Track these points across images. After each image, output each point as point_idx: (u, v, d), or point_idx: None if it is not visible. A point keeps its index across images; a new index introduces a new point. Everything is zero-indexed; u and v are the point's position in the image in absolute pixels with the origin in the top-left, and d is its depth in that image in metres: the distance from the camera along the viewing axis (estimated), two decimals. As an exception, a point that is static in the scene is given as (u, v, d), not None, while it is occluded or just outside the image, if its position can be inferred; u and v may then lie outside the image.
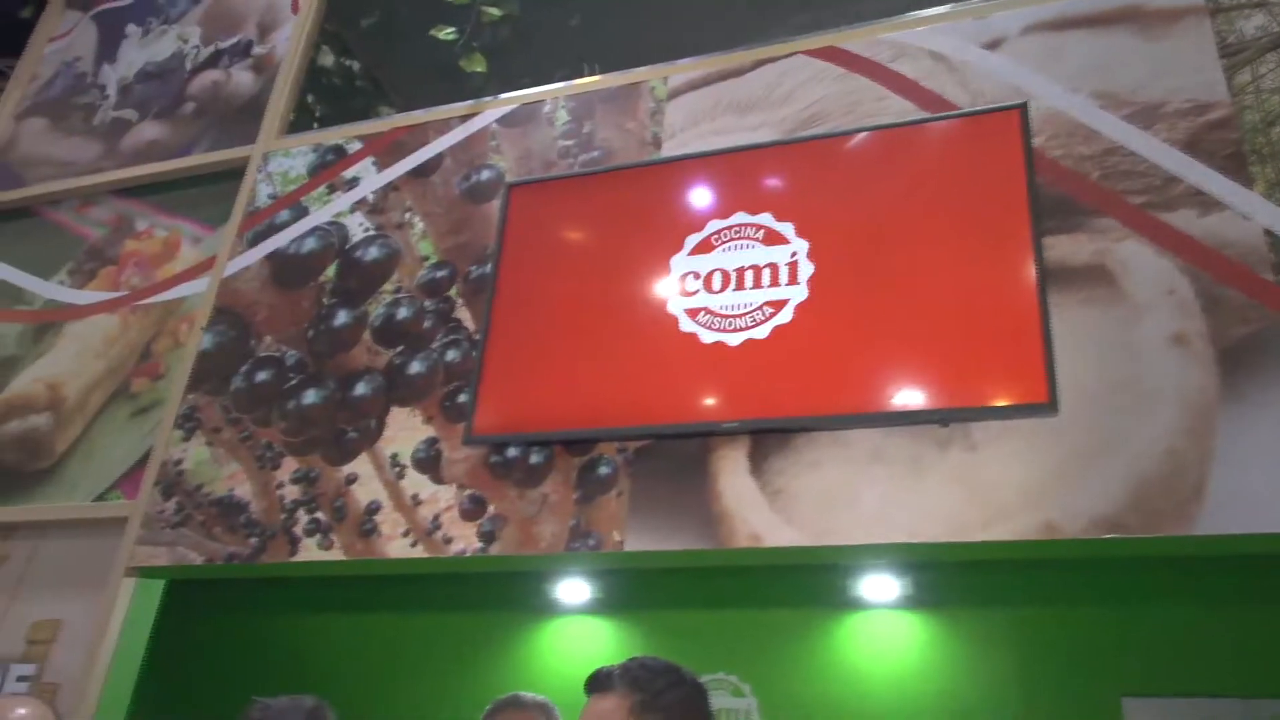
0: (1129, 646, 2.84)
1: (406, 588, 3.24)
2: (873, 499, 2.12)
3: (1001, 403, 2.07)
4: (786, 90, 2.76)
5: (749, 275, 2.44)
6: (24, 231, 3.69)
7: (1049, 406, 2.03)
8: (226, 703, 2.19)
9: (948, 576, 3.04)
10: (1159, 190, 2.22)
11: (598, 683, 1.66)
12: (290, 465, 2.72)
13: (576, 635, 3.52)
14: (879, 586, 3.34)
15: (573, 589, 3.55)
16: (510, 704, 2.18)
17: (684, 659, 1.69)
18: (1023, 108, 2.37)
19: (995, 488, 2.03)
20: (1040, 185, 2.28)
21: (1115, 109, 2.35)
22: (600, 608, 3.56)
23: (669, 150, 2.79)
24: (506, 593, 3.39)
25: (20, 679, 2.67)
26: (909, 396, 2.15)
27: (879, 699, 3.12)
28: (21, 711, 2.08)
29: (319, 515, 2.61)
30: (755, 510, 2.21)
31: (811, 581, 3.24)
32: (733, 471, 2.28)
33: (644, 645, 3.21)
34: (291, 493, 2.67)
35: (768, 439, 2.28)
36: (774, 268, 2.43)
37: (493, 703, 2.20)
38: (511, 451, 2.49)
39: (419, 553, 2.46)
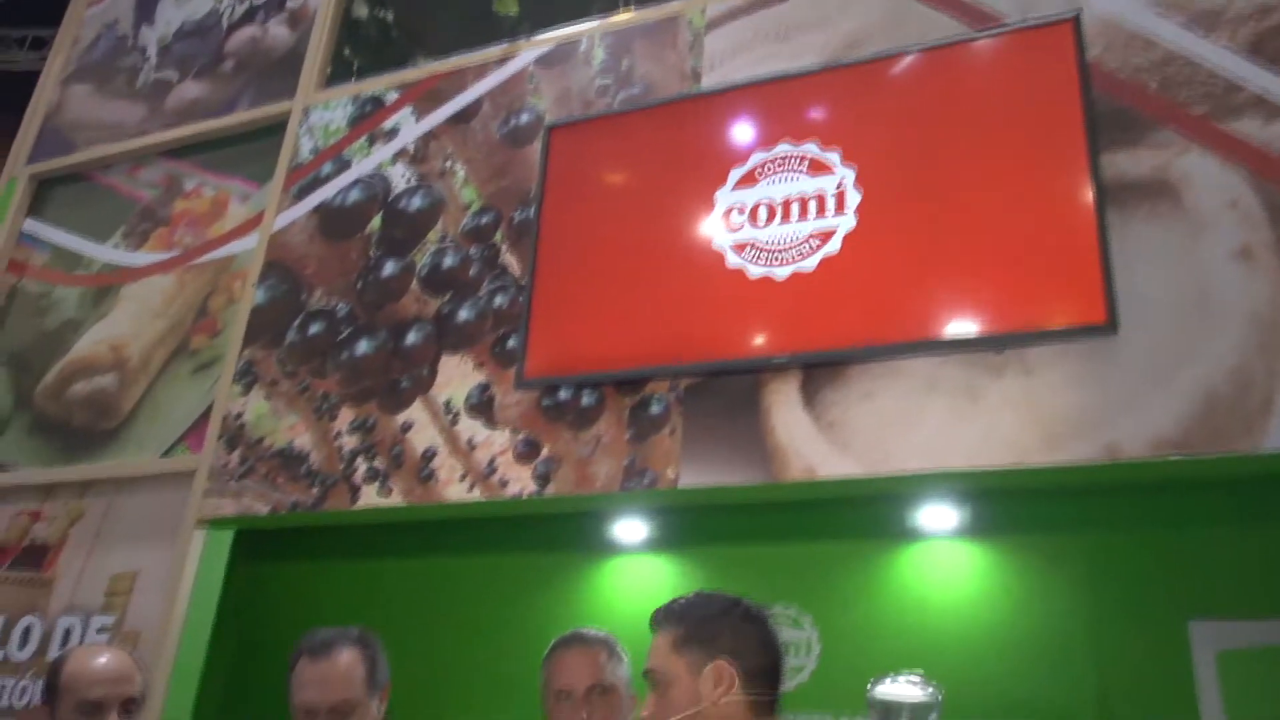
0: (1195, 570, 2.79)
1: (465, 531, 3.29)
2: (929, 427, 2.09)
3: (1058, 325, 2.03)
4: (827, 14, 2.68)
5: (795, 207, 2.40)
6: (78, 196, 3.76)
7: (1108, 327, 1.98)
8: (295, 646, 2.25)
9: (1007, 504, 3.00)
10: (1221, 99, 2.13)
11: (653, 621, 1.69)
12: (347, 415, 2.76)
13: (635, 574, 3.56)
14: (937, 516, 3.32)
15: (629, 528, 3.58)
16: (574, 640, 2.20)
17: (742, 593, 1.69)
18: (1076, 18, 2.28)
19: (1054, 412, 2.00)
20: (1096, 99, 2.20)
21: (1173, 15, 2.25)
22: (657, 545, 3.58)
23: (709, 83, 2.74)
24: (564, 533, 3.43)
25: (101, 629, 2.78)
26: (963, 323, 2.11)
27: (940, 628, 3.12)
28: (105, 659, 2.17)
29: (377, 463, 2.66)
30: (809, 443, 2.20)
31: (869, 512, 3.23)
32: (785, 405, 2.27)
33: (702, 581, 3.23)
34: (349, 442, 2.72)
35: (820, 372, 2.26)
36: (820, 198, 2.38)
37: (556, 640, 2.23)
38: (563, 394, 2.51)
39: (476, 496, 2.50)
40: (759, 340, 2.32)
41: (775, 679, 1.62)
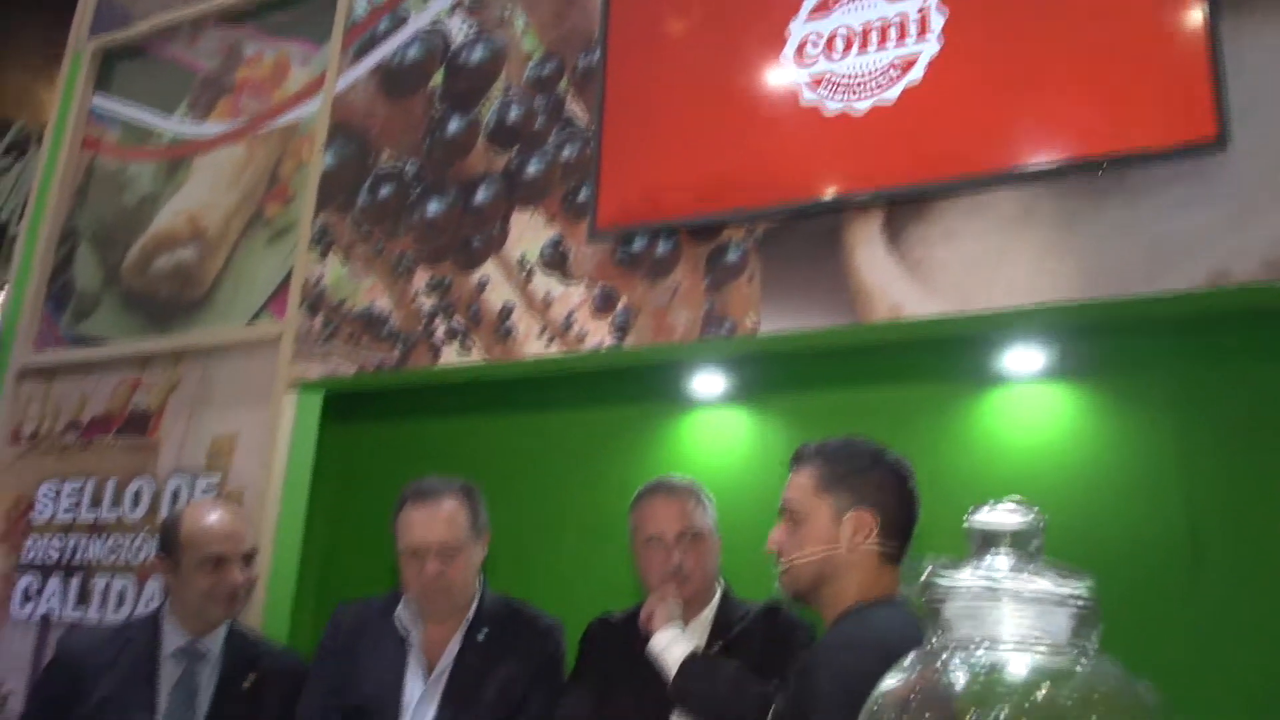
0: (1295, 403, 2.69)
1: (546, 387, 3.33)
2: (1021, 262, 2.01)
3: (1163, 144, 1.90)
4: None
5: (874, 34, 2.27)
6: (141, 69, 3.74)
7: (1218, 143, 1.84)
8: (388, 502, 2.33)
9: (1100, 342, 2.91)
10: (1356, -120, 1.91)
11: (796, 458, 1.69)
12: (423, 275, 2.77)
13: (715, 425, 3.58)
14: (1025, 357, 3.24)
15: (709, 380, 3.59)
16: (660, 488, 2.23)
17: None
18: None
19: (1158, 238, 1.89)
20: (1210, -110, 1.99)
21: None
22: (737, 397, 3.59)
23: (779, -96, 2.56)
24: (644, 385, 3.45)
25: (207, 489, 2.91)
26: (1058, 147, 1.99)
27: (1027, 472, 3.08)
28: (222, 515, 2.28)
29: (456, 322, 2.67)
30: (895, 282, 2.14)
31: (954, 355, 3.17)
32: (868, 245, 2.20)
33: (784, 430, 3.24)
34: (427, 301, 2.73)
35: (903, 209, 2.17)
36: (902, 22, 2.24)
37: (642, 488, 2.26)
38: (637, 244, 2.46)
39: (555, 350, 2.51)
40: (838, 179, 2.23)
41: (907, 534, 1.64)
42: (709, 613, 2.16)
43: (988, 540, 0.99)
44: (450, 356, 2.65)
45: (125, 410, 3.20)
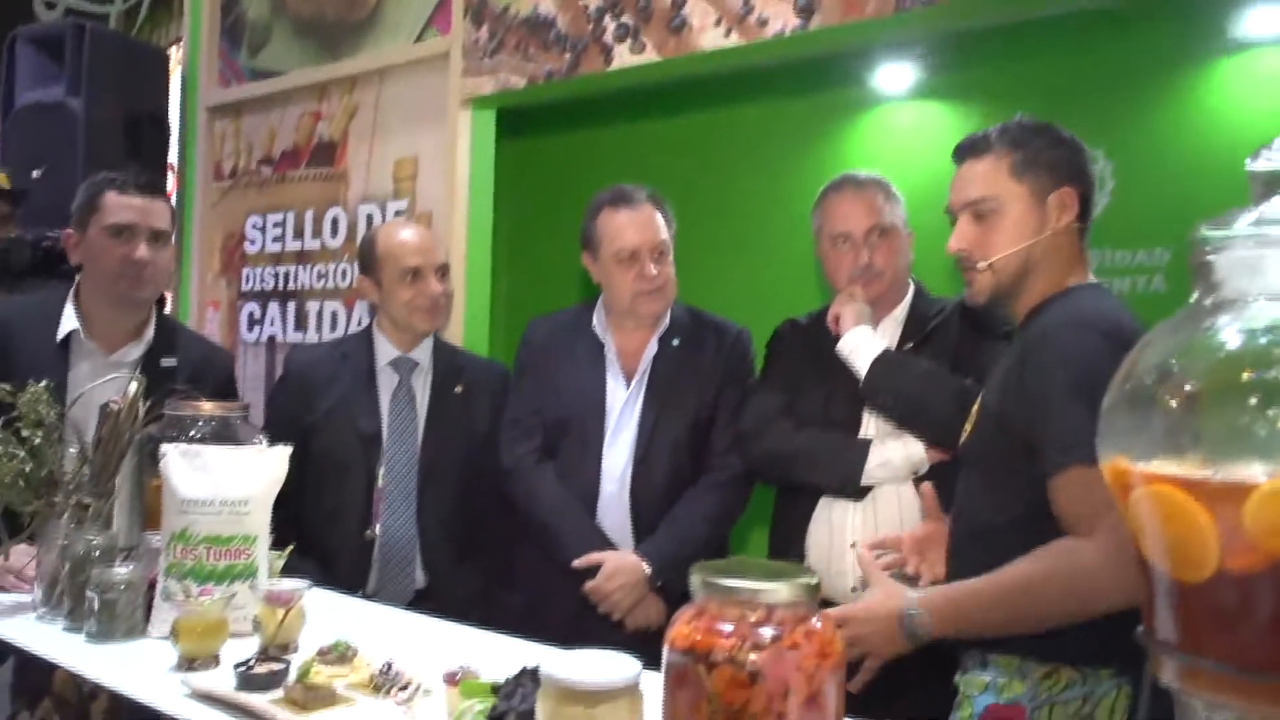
0: None
1: (723, 84, 3.15)
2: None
3: None
4: None
5: None
6: None
7: None
8: (567, 216, 2.31)
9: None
10: None
11: (972, 147, 1.56)
12: (586, -29, 2.59)
13: (900, 119, 3.35)
14: (1266, 17, 2.81)
15: (897, 71, 3.32)
16: (847, 183, 2.11)
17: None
18: None
19: None
20: None
21: None
22: (923, 91, 3.32)
23: None
24: (827, 79, 3.23)
25: (397, 213, 2.98)
26: None
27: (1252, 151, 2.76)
28: (413, 230, 2.34)
29: (626, 18, 2.51)
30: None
31: (1171, 26, 2.78)
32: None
33: (970, 121, 2.98)
34: (594, 0, 2.57)
35: None
36: None
37: (828, 185, 2.14)
38: (820, -91, 2.19)
39: (734, 40, 2.33)
40: None
41: (1092, 203, 1.54)
42: (901, 311, 2.08)
43: (1272, 184, 0.85)
44: (623, 58, 2.51)
45: (311, 142, 3.27)
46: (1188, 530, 0.70)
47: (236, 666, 1.20)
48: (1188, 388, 0.73)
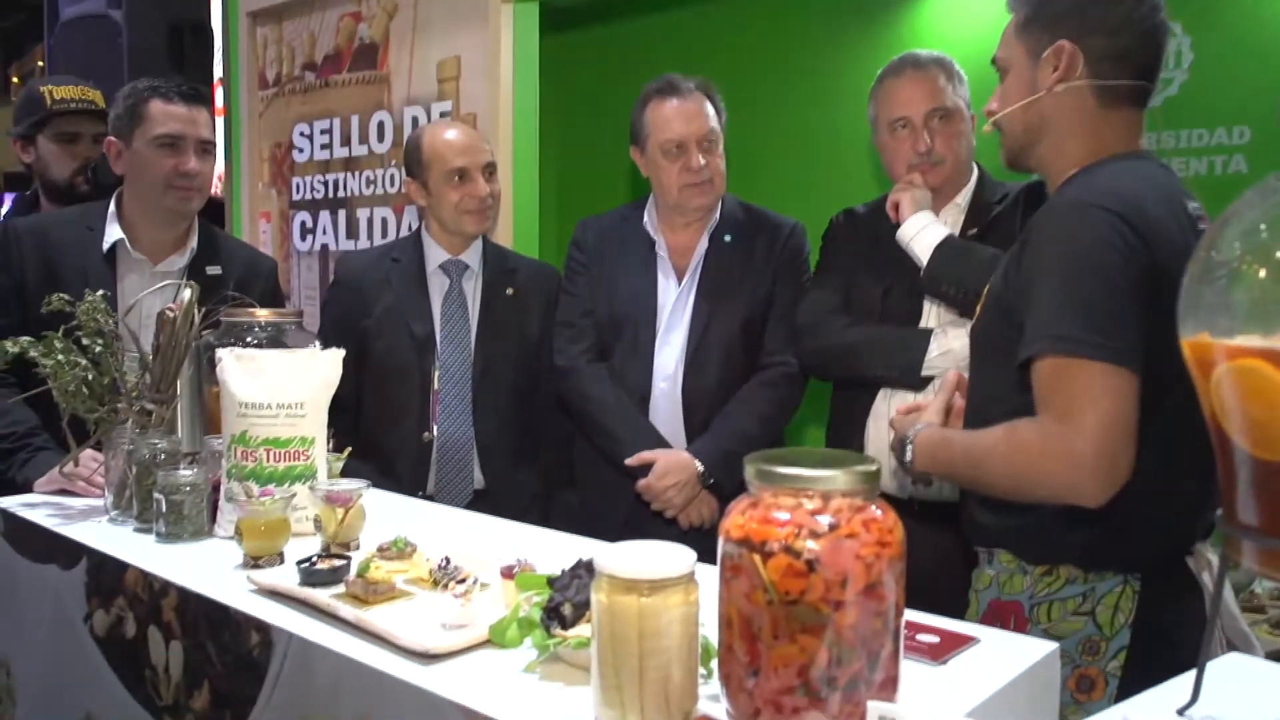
0: None
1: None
2: None
3: None
4: None
5: None
6: None
7: None
8: (614, 112, 2.24)
9: None
10: None
11: (1010, 3, 1.46)
12: None
13: (953, 8, 3.19)
14: None
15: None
16: (906, 64, 2.01)
17: None
18: None
19: None
20: None
21: None
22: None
23: None
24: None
25: (442, 114, 2.93)
26: None
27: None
28: (458, 130, 2.31)
29: (669, -101, 2.39)
30: None
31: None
32: None
33: None
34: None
35: None
36: None
37: (885, 68, 2.05)
38: None
39: (783, -83, 2.20)
40: None
41: (1138, 63, 1.36)
42: (964, 198, 2.01)
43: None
44: (666, -58, 2.40)
45: (352, 45, 3.21)
46: (1271, 405, 0.66)
47: (299, 563, 1.23)
48: (1278, 254, 0.68)
